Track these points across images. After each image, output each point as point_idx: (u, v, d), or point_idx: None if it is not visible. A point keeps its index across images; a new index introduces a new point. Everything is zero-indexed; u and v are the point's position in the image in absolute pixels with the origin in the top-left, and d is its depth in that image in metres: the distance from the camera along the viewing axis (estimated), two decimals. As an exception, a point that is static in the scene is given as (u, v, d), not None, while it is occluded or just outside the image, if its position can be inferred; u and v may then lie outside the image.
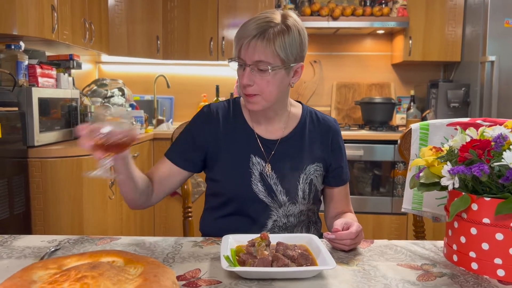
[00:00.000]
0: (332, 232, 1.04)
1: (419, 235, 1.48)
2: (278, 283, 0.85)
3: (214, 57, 3.53)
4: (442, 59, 3.47)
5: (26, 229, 2.11)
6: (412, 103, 3.59)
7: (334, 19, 3.36)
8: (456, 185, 0.91)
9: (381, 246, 1.08)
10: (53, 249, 1.02)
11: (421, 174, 0.99)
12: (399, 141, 1.47)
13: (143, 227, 3.07)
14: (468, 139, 0.95)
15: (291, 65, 1.18)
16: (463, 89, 3.29)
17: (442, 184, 0.93)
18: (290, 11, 1.21)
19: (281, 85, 1.19)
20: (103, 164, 0.97)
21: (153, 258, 0.81)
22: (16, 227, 2.02)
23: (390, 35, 3.80)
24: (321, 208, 1.40)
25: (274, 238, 1.00)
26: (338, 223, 1.07)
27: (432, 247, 1.08)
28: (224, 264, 0.85)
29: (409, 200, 1.41)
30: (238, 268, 0.86)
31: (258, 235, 0.96)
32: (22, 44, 2.34)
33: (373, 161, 3.19)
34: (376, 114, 3.49)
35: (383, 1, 3.46)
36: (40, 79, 2.37)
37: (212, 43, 3.50)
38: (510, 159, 0.85)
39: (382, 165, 3.20)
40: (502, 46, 3.02)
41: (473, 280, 0.88)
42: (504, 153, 0.86)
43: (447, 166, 0.92)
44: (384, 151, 3.15)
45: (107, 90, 3.35)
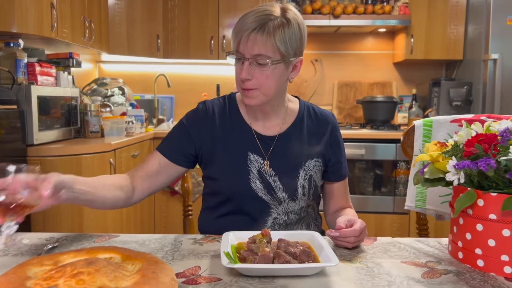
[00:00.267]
0: (336, 230, 1.02)
1: (423, 233, 1.45)
2: (280, 281, 0.83)
3: (215, 56, 3.51)
4: (444, 58, 3.45)
5: (26, 229, 2.09)
6: (414, 102, 3.56)
7: (336, 17, 3.34)
8: (462, 180, 0.88)
9: (385, 244, 1.06)
10: (51, 246, 1.00)
11: (426, 170, 0.97)
12: (402, 138, 1.45)
13: (143, 226, 3.05)
14: (474, 134, 0.93)
15: (291, 60, 1.16)
16: (466, 88, 3.27)
17: (447, 180, 0.91)
18: (289, 5, 1.18)
19: (280, 80, 1.17)
20: (1, 232, 0.83)
21: (152, 255, 0.79)
22: (15, 226, 2.00)
23: (392, 34, 3.78)
24: (320, 205, 1.38)
25: (276, 235, 0.98)
26: (341, 220, 1.05)
27: (437, 244, 1.06)
28: (225, 261, 0.83)
29: (412, 198, 1.39)
30: (239, 265, 0.84)
31: (259, 232, 0.94)
32: (21, 42, 2.32)
33: (375, 160, 3.17)
34: (378, 113, 3.47)
35: (385, -1, 3.45)
36: (39, 77, 2.35)
37: (213, 42, 3.48)
38: (517, 153, 0.83)
39: (384, 164, 3.18)
40: (505, 44, 3.00)
41: (479, 278, 0.86)
42: (511, 147, 0.84)
43: (452, 161, 0.90)
44: (386, 150, 3.13)
45: (107, 89, 3.34)
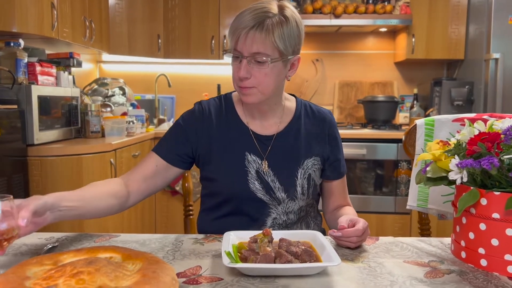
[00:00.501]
0: (338, 230, 1.01)
1: (425, 233, 1.45)
2: (281, 280, 0.82)
3: (216, 56, 3.50)
4: (446, 57, 3.44)
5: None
6: (415, 102, 3.56)
7: (336, 17, 3.33)
8: (465, 179, 0.88)
9: (387, 243, 1.06)
10: (50, 246, 0.99)
11: (428, 169, 0.96)
12: (404, 137, 1.44)
13: (144, 226, 3.04)
14: (477, 132, 0.92)
15: (289, 58, 1.15)
16: (467, 87, 3.26)
17: (450, 179, 0.90)
18: (286, 2, 1.17)
19: (278, 78, 1.16)
20: None
21: (152, 255, 0.78)
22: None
23: (393, 33, 3.77)
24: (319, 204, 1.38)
25: (277, 235, 0.97)
26: (344, 220, 1.04)
27: (439, 244, 1.05)
28: (226, 261, 0.83)
29: (414, 197, 1.38)
30: (240, 265, 0.83)
31: (261, 231, 0.94)
32: (22, 42, 2.32)
33: (376, 160, 3.16)
34: (379, 113, 3.46)
35: (386, -1, 3.44)
36: (40, 77, 2.35)
37: (214, 42, 3.47)
38: (521, 152, 0.82)
39: (385, 164, 3.17)
40: (506, 44, 2.99)
41: (483, 277, 0.85)
42: (515, 146, 0.83)
43: (455, 160, 0.89)
44: (387, 150, 3.12)
45: (108, 89, 3.33)
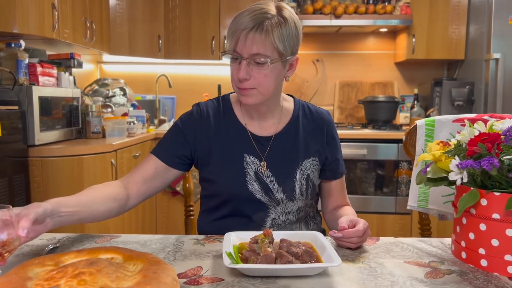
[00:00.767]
0: (338, 230, 1.01)
1: (425, 233, 1.45)
2: (282, 281, 0.83)
3: (216, 57, 3.50)
4: (446, 57, 3.44)
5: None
6: (416, 102, 3.56)
7: (337, 17, 3.34)
8: (465, 180, 0.88)
9: (387, 244, 1.06)
10: (52, 247, 1.00)
11: (428, 169, 0.96)
12: (404, 138, 1.45)
13: (145, 227, 3.05)
14: (477, 133, 0.93)
15: (288, 58, 1.15)
16: (468, 87, 3.26)
17: (450, 179, 0.90)
18: (283, 3, 1.18)
19: (278, 79, 1.17)
20: None
21: (153, 255, 0.79)
22: (17, 227, 2.00)
23: (393, 33, 3.77)
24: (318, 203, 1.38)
25: (278, 235, 0.97)
26: (344, 221, 1.04)
27: (440, 244, 1.06)
28: (227, 261, 0.83)
29: (415, 198, 1.39)
30: (241, 265, 0.83)
31: (261, 232, 0.94)
32: (23, 43, 2.32)
33: (377, 160, 3.16)
34: (380, 113, 3.46)
35: (386, -1, 3.44)
36: (41, 78, 2.35)
37: (214, 42, 3.48)
38: (521, 152, 0.82)
39: (386, 165, 3.17)
40: (507, 44, 2.99)
41: (483, 277, 0.85)
42: (515, 146, 0.83)
43: (455, 160, 0.89)
44: (388, 150, 3.12)
45: (109, 90, 3.34)
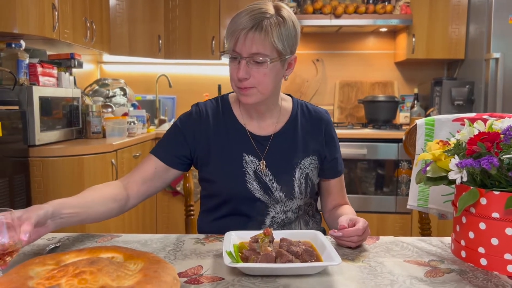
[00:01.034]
0: (338, 229, 1.01)
1: (425, 233, 1.45)
2: (282, 280, 0.83)
3: (216, 56, 3.50)
4: (446, 57, 3.44)
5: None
6: (416, 101, 3.56)
7: (337, 17, 3.34)
8: (464, 179, 0.88)
9: (387, 243, 1.06)
10: (52, 247, 1.00)
11: (428, 168, 0.97)
12: (404, 137, 1.45)
13: (145, 226, 3.05)
14: (476, 132, 0.93)
15: (286, 57, 1.16)
16: (467, 87, 3.26)
17: (450, 178, 0.91)
18: (281, 3, 1.19)
19: (277, 78, 1.18)
20: None
21: (154, 254, 0.79)
22: (17, 227, 2.00)
23: (393, 33, 3.77)
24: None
25: (278, 234, 0.98)
26: (344, 220, 1.04)
27: (439, 244, 1.06)
28: (227, 260, 0.83)
29: (415, 197, 1.39)
30: (241, 264, 0.83)
31: (261, 231, 0.94)
32: (23, 43, 2.33)
33: (377, 160, 3.16)
34: (380, 113, 3.46)
35: (386, -1, 3.44)
36: (41, 78, 2.35)
37: (214, 42, 3.48)
38: (520, 151, 0.82)
39: (386, 164, 3.17)
40: (507, 43, 3.00)
41: (483, 276, 0.86)
42: (514, 145, 0.84)
43: (455, 160, 0.90)
44: (388, 150, 3.13)
45: (109, 90, 3.34)
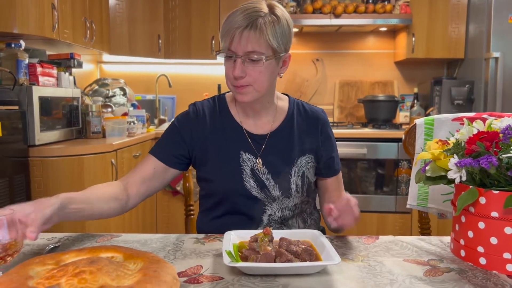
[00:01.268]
0: (328, 215, 1.01)
1: (425, 232, 1.45)
2: (282, 279, 0.83)
3: (216, 56, 3.51)
4: (446, 56, 3.44)
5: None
6: (416, 101, 3.56)
7: (337, 17, 3.34)
8: (464, 178, 0.88)
9: (387, 242, 1.06)
10: (52, 246, 1.00)
11: (427, 168, 0.97)
12: (404, 137, 1.45)
13: (145, 226, 3.05)
14: (475, 132, 0.93)
15: (281, 55, 1.18)
16: (467, 86, 3.26)
17: (449, 178, 0.91)
18: (275, 1, 1.20)
19: (272, 75, 1.19)
20: None
21: (154, 254, 0.79)
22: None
23: (393, 33, 3.77)
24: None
25: (277, 234, 0.98)
26: (326, 206, 1.02)
27: (439, 243, 1.06)
28: (226, 260, 0.83)
29: (414, 196, 1.39)
30: (241, 264, 0.84)
31: (261, 231, 0.94)
32: (23, 43, 2.33)
33: (377, 160, 3.16)
34: (379, 112, 3.46)
35: (386, -2, 3.44)
36: (41, 78, 2.35)
37: (214, 42, 3.48)
38: (519, 151, 0.82)
39: (386, 164, 3.17)
40: (506, 43, 3.00)
41: (482, 275, 0.86)
42: (513, 145, 0.84)
43: (454, 159, 0.90)
44: (388, 149, 3.13)
45: (109, 90, 3.34)
